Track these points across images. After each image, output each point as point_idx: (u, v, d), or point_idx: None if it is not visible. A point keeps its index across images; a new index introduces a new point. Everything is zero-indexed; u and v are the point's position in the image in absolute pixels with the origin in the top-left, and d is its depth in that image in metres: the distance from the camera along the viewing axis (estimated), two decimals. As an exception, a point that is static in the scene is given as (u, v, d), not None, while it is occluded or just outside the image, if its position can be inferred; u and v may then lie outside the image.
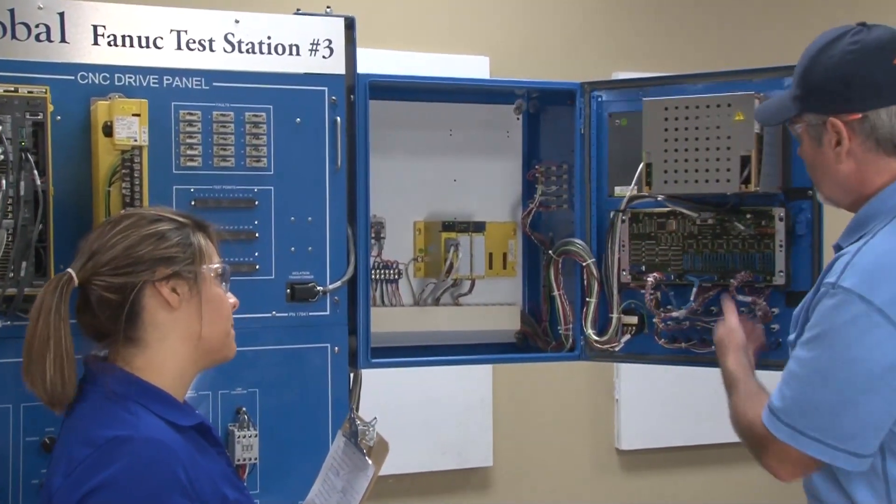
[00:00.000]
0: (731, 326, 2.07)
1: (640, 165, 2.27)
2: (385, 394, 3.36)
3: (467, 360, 2.52)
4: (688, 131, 2.16)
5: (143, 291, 1.59)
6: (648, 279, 2.30)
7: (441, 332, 2.49)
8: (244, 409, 2.09)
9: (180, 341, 1.61)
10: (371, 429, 1.90)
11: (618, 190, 2.39)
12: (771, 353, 2.15)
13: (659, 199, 2.27)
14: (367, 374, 2.27)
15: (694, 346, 2.29)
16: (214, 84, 2.07)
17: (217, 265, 1.66)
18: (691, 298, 2.25)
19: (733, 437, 1.81)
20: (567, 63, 3.99)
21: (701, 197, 2.24)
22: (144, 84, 2.02)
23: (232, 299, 1.69)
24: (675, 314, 2.28)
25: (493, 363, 3.51)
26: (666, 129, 2.19)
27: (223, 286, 1.67)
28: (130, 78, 2.00)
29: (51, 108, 1.88)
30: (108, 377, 1.57)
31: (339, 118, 2.16)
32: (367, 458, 1.84)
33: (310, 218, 2.15)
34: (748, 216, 2.22)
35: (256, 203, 2.11)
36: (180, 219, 1.66)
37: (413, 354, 2.43)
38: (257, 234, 2.12)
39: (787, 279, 2.19)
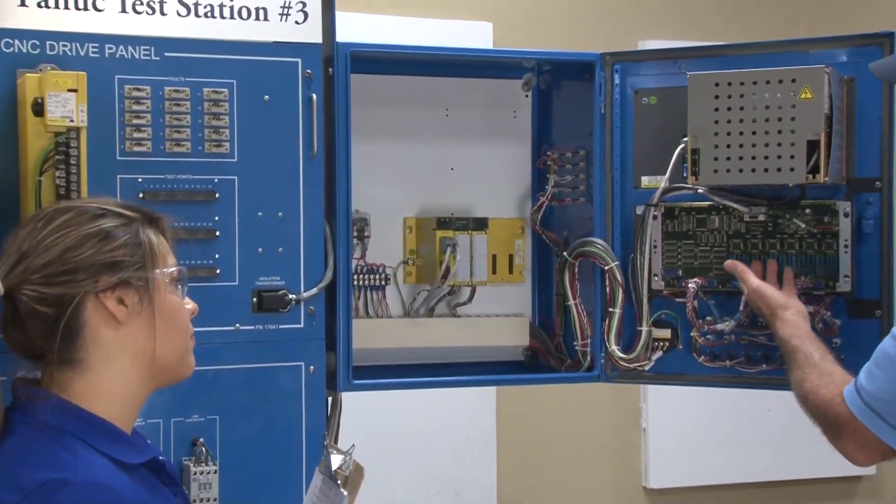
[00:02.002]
0: (754, 286, 2.12)
1: (677, 151, 2.27)
2: (370, 422, 3.38)
3: (467, 381, 2.51)
4: (743, 111, 2.15)
5: (84, 304, 1.55)
6: (689, 286, 2.29)
7: (436, 349, 2.48)
8: (202, 440, 2.08)
9: (129, 362, 1.58)
10: (348, 457, 1.91)
11: (645, 180, 2.39)
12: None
13: (699, 191, 2.27)
14: (347, 398, 2.28)
15: (741, 365, 2.29)
16: (166, 54, 2.06)
17: (173, 268, 1.63)
18: (740, 308, 2.25)
19: (783, 475, 1.89)
20: (585, 30, 3.99)
21: (753, 189, 2.24)
22: (82, 53, 2.00)
23: (190, 305, 1.67)
24: (719, 327, 2.28)
25: (497, 385, 3.52)
26: (716, 109, 2.17)
27: (180, 291, 1.64)
28: (65, 46, 1.99)
29: (-32, 81, 1.86)
30: (40, 406, 1.54)
31: (314, 95, 2.16)
32: (342, 489, 1.85)
33: (280, 213, 2.15)
34: (807, 211, 2.23)
35: (217, 195, 2.11)
36: (128, 212, 1.62)
37: (402, 375, 2.42)
38: (218, 233, 2.11)
39: (852, 285, 2.19)
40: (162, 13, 2.05)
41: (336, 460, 1.90)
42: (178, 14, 2.07)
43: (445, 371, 2.47)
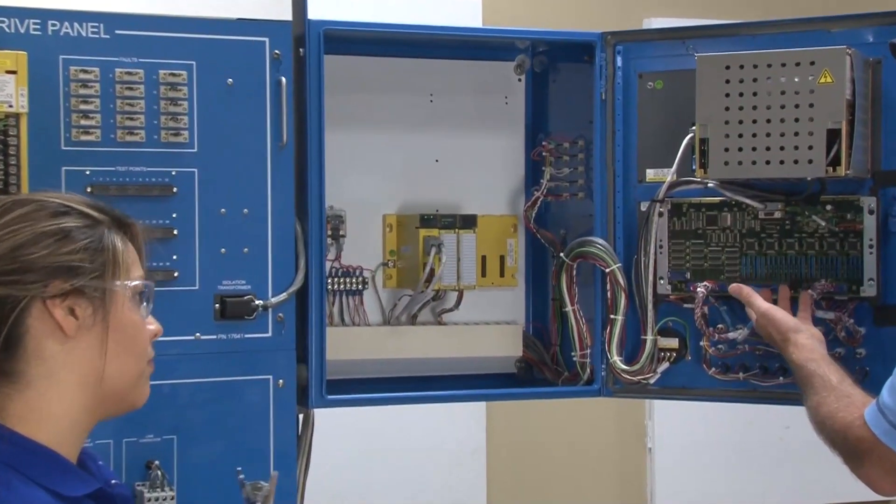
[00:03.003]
0: (762, 310, 2.12)
1: (684, 142, 2.26)
2: (346, 441, 3.37)
3: (453, 396, 2.51)
4: (757, 97, 2.14)
5: (29, 310, 1.50)
6: (698, 290, 2.29)
7: (419, 360, 2.47)
8: (157, 462, 2.07)
9: (74, 382, 1.53)
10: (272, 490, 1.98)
11: (650, 174, 2.38)
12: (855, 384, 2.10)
13: (709, 185, 2.26)
14: (321, 414, 2.28)
15: (756, 378, 2.28)
16: (117, 32, 2.05)
17: (137, 281, 1.58)
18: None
19: (802, 500, 1.88)
20: (584, 7, 3.98)
21: (768, 183, 2.24)
22: (22, 31, 1.99)
23: (153, 326, 1.62)
24: (731, 335, 2.28)
25: (486, 400, 3.53)
26: (727, 95, 2.16)
27: (143, 309, 1.59)
28: (2, 22, 1.97)
29: None
30: (-31, 429, 1.51)
31: (283, 78, 2.15)
32: None
33: (246, 210, 2.15)
34: (828, 208, 2.22)
35: (175, 190, 2.10)
36: (94, 213, 1.57)
37: (381, 389, 2.41)
38: (176, 231, 2.10)
39: (878, 290, 2.18)
40: (113, -14, 2.06)
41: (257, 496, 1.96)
42: (132, -13, 2.07)
43: (430, 385, 2.47)
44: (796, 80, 2.11)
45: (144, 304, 1.59)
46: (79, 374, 1.53)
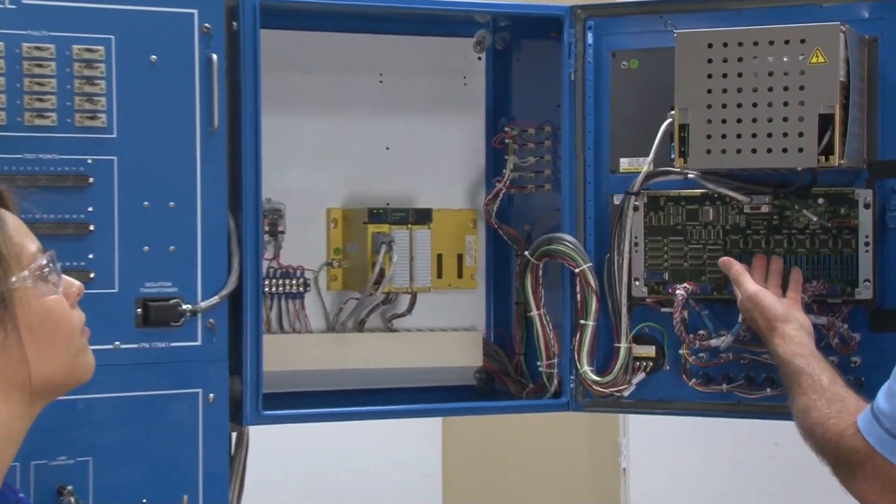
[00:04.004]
0: (750, 292, 2.14)
1: (662, 128, 2.26)
2: (285, 463, 3.35)
3: (406, 411, 2.49)
4: (742, 79, 2.14)
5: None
6: (677, 292, 2.29)
7: (367, 371, 2.47)
8: (70, 487, 2.05)
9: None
10: None
11: (624, 163, 2.39)
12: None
13: (690, 176, 2.27)
14: (257, 432, 2.28)
15: (741, 389, 2.28)
16: (24, 1, 2.04)
17: (34, 263, 1.56)
18: (739, 320, 2.24)
19: None
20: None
21: (755, 174, 2.24)
22: (-87, -1, 2.00)
23: (73, 288, 1.61)
24: (713, 343, 2.28)
25: (443, 415, 3.50)
26: (710, 76, 2.16)
27: (52, 283, 1.57)
28: None
29: None
30: None
31: (214, 55, 2.15)
32: None
33: (172, 203, 2.14)
34: (820, 201, 2.23)
35: (91, 181, 2.09)
36: None
37: (325, 404, 2.40)
38: (92, 227, 2.09)
39: (874, 292, 2.19)
40: (20, -51, 2.05)
41: None
42: (42, -49, 2.06)
43: (379, 399, 2.46)
44: (785, 59, 2.12)
45: (52, 276, 1.57)
46: (2, 388, 1.52)
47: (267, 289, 2.38)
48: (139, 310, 2.11)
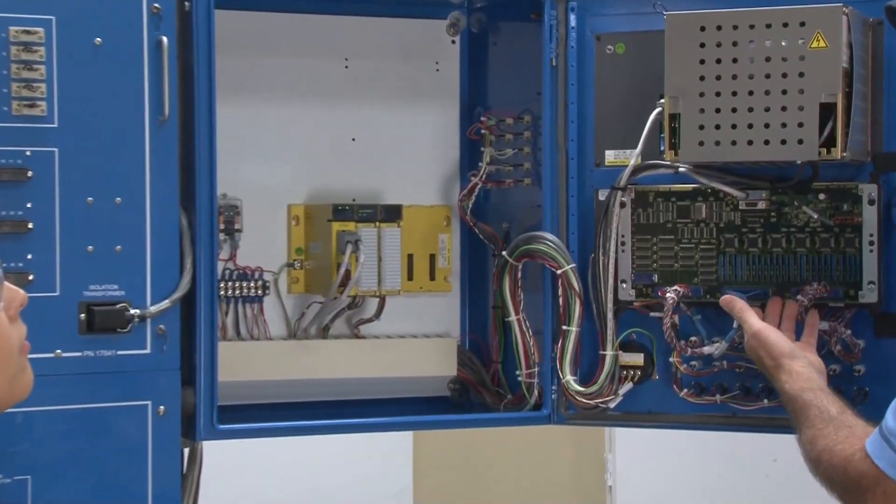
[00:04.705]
0: (755, 328, 2.14)
1: (651, 117, 2.27)
2: (243, 481, 3.35)
3: (374, 424, 2.49)
4: (737, 65, 2.15)
5: None
6: (667, 296, 2.29)
7: (332, 382, 2.48)
8: None
9: None
10: None
11: (610, 156, 2.40)
12: (852, 407, 2.11)
13: (681, 170, 2.27)
14: (212, 448, 2.27)
15: (736, 400, 2.29)
16: None
17: None
18: (734, 326, 2.25)
19: None
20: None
21: (751, 167, 2.25)
22: None
23: (18, 298, 1.61)
24: (706, 350, 2.29)
25: (414, 429, 3.52)
26: (702, 62, 2.17)
27: None
28: None
29: None
30: None
31: (165, 38, 2.15)
32: None
33: (118, 199, 2.14)
34: (821, 197, 2.23)
35: (29, 174, 2.08)
36: None
37: (286, 417, 2.39)
38: (31, 225, 2.09)
39: (879, 295, 2.20)
40: (-50, -79, 2.04)
41: None
42: (-26, -76, 2.06)
43: (345, 411, 2.46)
44: (783, 44, 2.12)
45: None
46: None
47: (222, 292, 2.38)
48: (83, 315, 2.11)
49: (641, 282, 2.36)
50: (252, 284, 2.43)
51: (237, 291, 2.42)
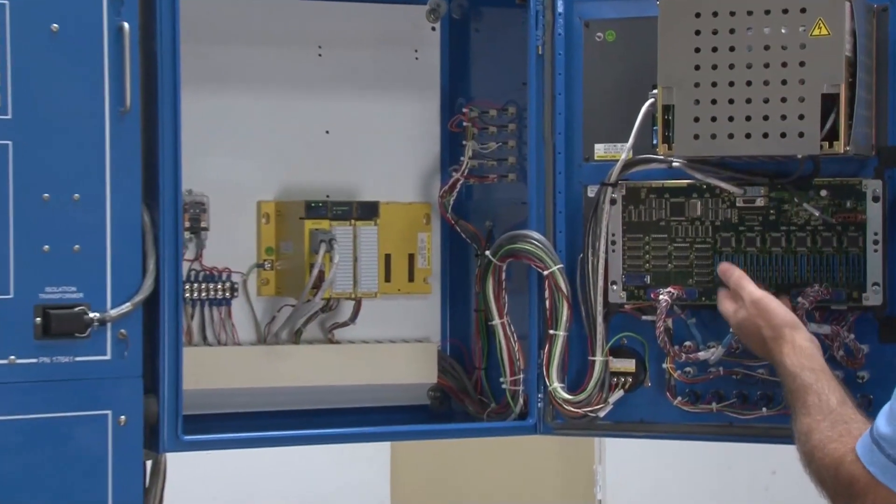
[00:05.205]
0: (756, 296, 2.14)
1: (643, 109, 2.27)
2: (210, 495, 3.34)
3: (349, 435, 2.48)
4: (734, 53, 2.15)
5: None
6: (661, 298, 2.30)
7: (304, 389, 2.48)
8: None
9: None
10: None
11: (599, 150, 2.40)
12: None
13: (675, 165, 2.28)
14: (176, 460, 2.27)
15: (733, 409, 2.29)
16: None
17: None
18: (731, 330, 2.24)
19: None
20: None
21: (749, 162, 2.25)
22: None
23: None
24: (701, 356, 2.29)
25: (392, 440, 3.50)
26: (697, 50, 2.17)
27: None
28: None
29: None
30: None
31: (126, 24, 2.15)
32: None
33: (77, 195, 2.14)
34: (823, 193, 2.24)
35: None
36: None
37: (255, 427, 2.38)
38: None
39: (884, 297, 2.21)
40: None
41: None
42: None
43: (318, 421, 2.46)
44: (783, 31, 2.12)
45: None
46: None
47: (188, 294, 2.38)
48: (38, 319, 2.10)
49: (633, 283, 2.36)
50: (219, 286, 2.42)
51: (203, 294, 2.41)
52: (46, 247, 2.10)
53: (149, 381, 2.18)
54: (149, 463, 2.22)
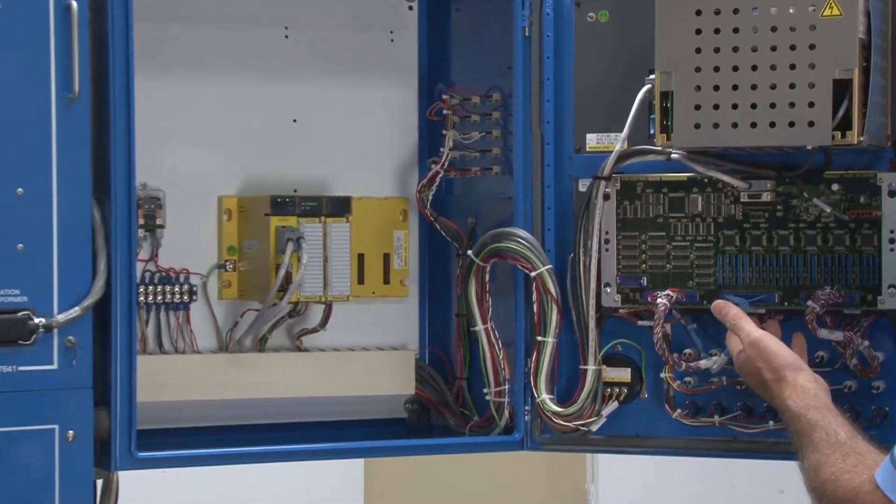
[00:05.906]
0: (754, 336, 2.14)
1: (639, 96, 2.27)
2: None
3: (319, 452, 2.46)
4: (738, 36, 2.15)
5: None
6: (658, 301, 2.30)
7: (270, 401, 2.48)
8: None
9: None
10: None
11: (592, 140, 2.41)
12: (870, 428, 2.15)
13: (674, 157, 2.28)
14: (130, 478, 2.27)
15: (737, 422, 2.30)
16: None
17: None
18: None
19: None
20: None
21: (754, 154, 2.25)
22: None
23: None
24: (702, 364, 2.29)
25: (366, 457, 3.53)
26: (698, 32, 2.17)
27: None
28: None
29: None
30: None
31: (74, 3, 2.14)
32: None
33: (20, 189, 2.14)
34: (834, 188, 2.24)
35: None
36: None
37: (216, 443, 2.40)
38: None
39: (901, 300, 2.22)
40: None
41: None
42: None
43: (285, 436, 2.46)
44: (791, 11, 2.12)
45: None
46: None
47: (142, 298, 2.38)
48: (-22, 325, 2.10)
49: (628, 285, 2.36)
50: (176, 289, 2.43)
51: (159, 297, 2.42)
52: (-12, 246, 2.11)
53: (99, 392, 2.18)
54: (99, 482, 2.22)
